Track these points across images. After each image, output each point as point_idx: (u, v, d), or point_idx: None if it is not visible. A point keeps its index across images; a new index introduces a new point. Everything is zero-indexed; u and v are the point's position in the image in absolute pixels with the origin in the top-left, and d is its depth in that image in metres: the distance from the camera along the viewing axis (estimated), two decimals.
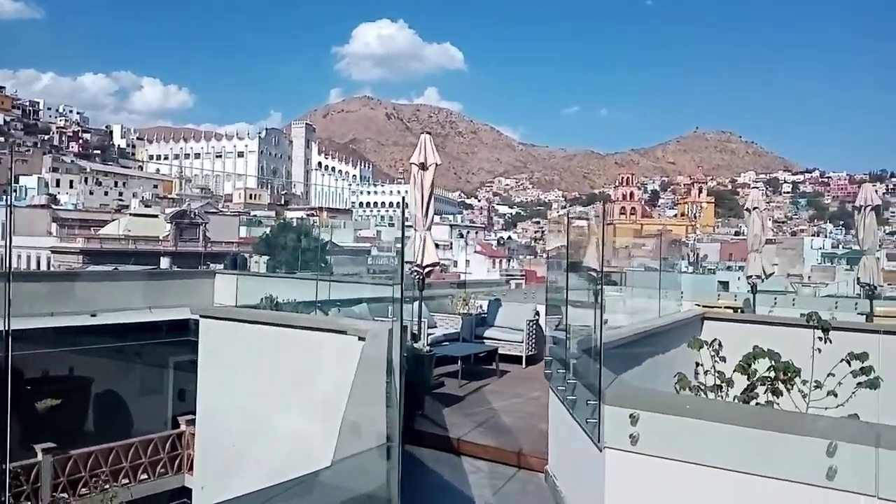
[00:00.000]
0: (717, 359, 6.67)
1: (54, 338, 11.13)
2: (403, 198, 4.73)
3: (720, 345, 6.79)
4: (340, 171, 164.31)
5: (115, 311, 13.56)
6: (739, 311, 12.32)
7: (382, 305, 8.52)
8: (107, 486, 10.96)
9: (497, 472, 4.89)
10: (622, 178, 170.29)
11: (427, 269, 7.02)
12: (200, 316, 6.60)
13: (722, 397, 6.63)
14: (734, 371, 6.43)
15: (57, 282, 15.91)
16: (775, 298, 13.26)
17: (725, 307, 11.85)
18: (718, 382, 6.68)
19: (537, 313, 8.92)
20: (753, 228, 11.59)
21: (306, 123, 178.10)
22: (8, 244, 10.36)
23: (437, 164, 6.98)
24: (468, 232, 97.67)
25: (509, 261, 79.02)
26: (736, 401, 6.50)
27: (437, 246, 7.57)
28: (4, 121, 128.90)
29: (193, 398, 6.91)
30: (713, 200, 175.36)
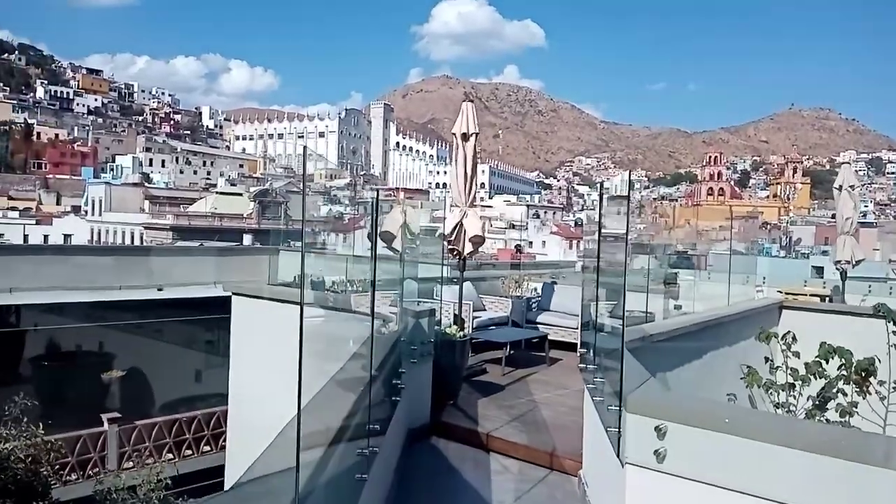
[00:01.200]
0: (789, 354, 5.90)
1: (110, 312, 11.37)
2: (306, 147, 4.25)
3: (794, 338, 6.01)
4: (418, 150, 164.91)
5: (183, 286, 13.84)
6: (827, 299, 11.22)
7: (430, 286, 8.13)
8: (162, 459, 11.21)
9: (527, 473, 4.42)
10: (710, 157, 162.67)
11: (468, 249, 6.53)
12: (233, 293, 6.41)
13: (795, 398, 5.88)
14: (807, 371, 5.66)
15: (129, 256, 16.42)
16: (869, 286, 11.99)
17: (811, 295, 10.79)
18: (791, 380, 5.93)
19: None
20: (844, 209, 10.44)
21: (385, 103, 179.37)
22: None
23: (477, 134, 6.44)
24: (545, 212, 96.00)
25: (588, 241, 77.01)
26: (811, 402, 5.75)
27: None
28: (102, 103, 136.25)
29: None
30: (809, 181, 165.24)
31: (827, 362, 5.26)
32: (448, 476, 4.43)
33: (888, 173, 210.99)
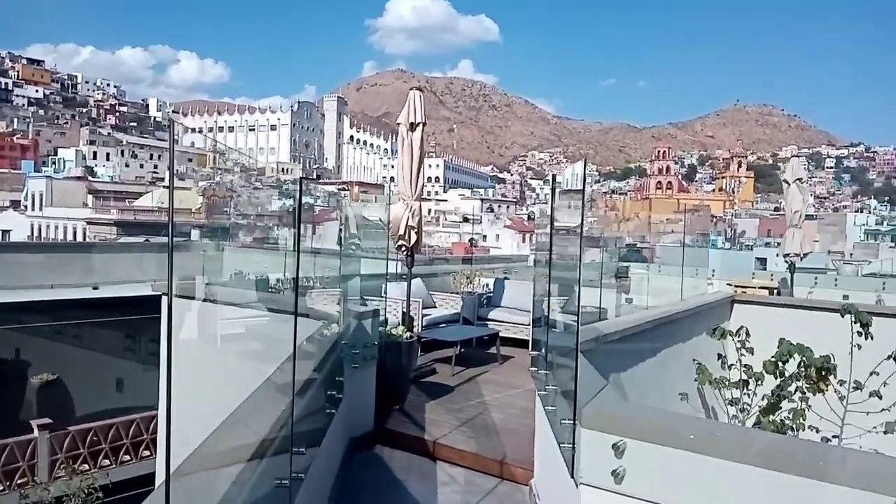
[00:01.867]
0: (743, 351, 5.79)
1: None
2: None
3: (748, 334, 5.90)
4: (372, 144, 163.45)
5: (119, 284, 13.15)
6: (775, 291, 11.29)
7: (377, 284, 7.79)
8: (98, 467, 10.61)
9: (475, 483, 4.14)
10: (659, 151, 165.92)
11: (412, 242, 6.23)
12: (162, 293, 5.96)
13: (749, 395, 5.77)
14: (764, 369, 5.54)
15: (65, 253, 15.58)
16: (815, 278, 12.14)
17: (760, 287, 10.84)
18: (745, 377, 5.82)
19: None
20: (793, 202, 10.49)
21: (338, 97, 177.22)
22: None
23: (424, 124, 6.14)
24: (499, 206, 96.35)
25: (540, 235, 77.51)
26: (765, 401, 5.64)
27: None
28: (44, 94, 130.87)
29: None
30: (753, 175, 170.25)
31: (785, 362, 5.15)
32: (391, 488, 4.12)
33: (827, 167, 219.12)
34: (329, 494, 3.77)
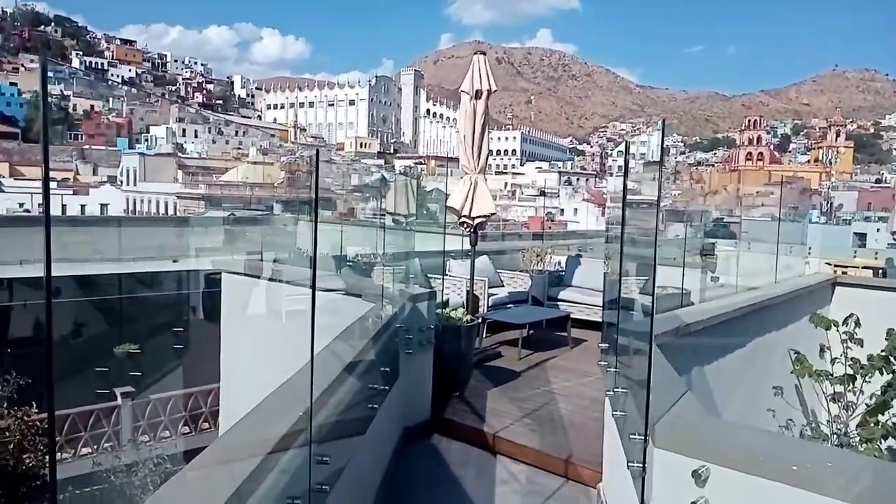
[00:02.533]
0: (850, 344, 5.13)
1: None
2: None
3: (858, 323, 5.23)
4: (448, 118, 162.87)
5: (198, 258, 13.44)
6: (881, 272, 10.27)
7: (438, 262, 7.47)
8: (170, 434, 10.95)
9: (538, 482, 3.79)
10: (749, 121, 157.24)
11: (478, 221, 5.85)
12: (223, 271, 5.87)
13: (854, 392, 5.12)
14: (870, 363, 4.89)
15: (150, 227, 16.12)
16: None
17: (863, 267, 9.85)
18: (851, 372, 5.17)
19: None
20: None
21: (415, 70, 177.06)
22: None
23: (491, 91, 5.70)
24: (578, 179, 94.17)
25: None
26: (873, 399, 4.98)
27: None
28: (136, 73, 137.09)
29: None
30: (852, 145, 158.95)
31: None
32: (446, 485, 3.83)
33: None
34: (379, 484, 3.52)
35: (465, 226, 5.83)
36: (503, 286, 7.52)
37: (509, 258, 8.44)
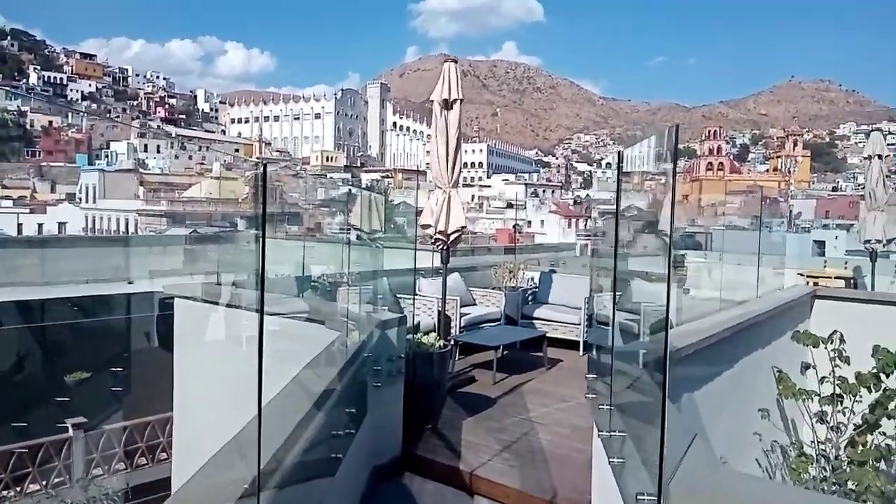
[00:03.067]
0: (839, 361, 4.94)
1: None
2: None
3: (842, 339, 5.05)
4: (415, 130, 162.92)
5: (153, 279, 12.86)
6: (852, 282, 10.23)
7: (407, 280, 7.13)
8: (125, 467, 10.36)
9: None
10: (709, 131, 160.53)
11: (452, 237, 5.55)
12: (176, 296, 5.45)
13: (843, 413, 4.93)
14: (859, 381, 4.69)
15: (101, 247, 15.48)
16: None
17: (835, 277, 9.79)
18: (839, 391, 4.98)
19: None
20: (872, 181, 9.40)
21: (381, 83, 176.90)
22: None
23: (461, 100, 5.42)
24: (544, 191, 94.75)
25: (586, 221, 76.02)
26: (863, 420, 4.79)
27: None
28: (97, 88, 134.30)
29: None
30: (809, 154, 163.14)
31: (887, 376, 4.31)
32: None
33: (889, 145, 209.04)
34: None
35: (439, 242, 5.53)
36: (475, 304, 7.22)
37: (481, 275, 8.15)
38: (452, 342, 6.05)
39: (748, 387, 4.94)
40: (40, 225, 55.98)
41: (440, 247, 5.63)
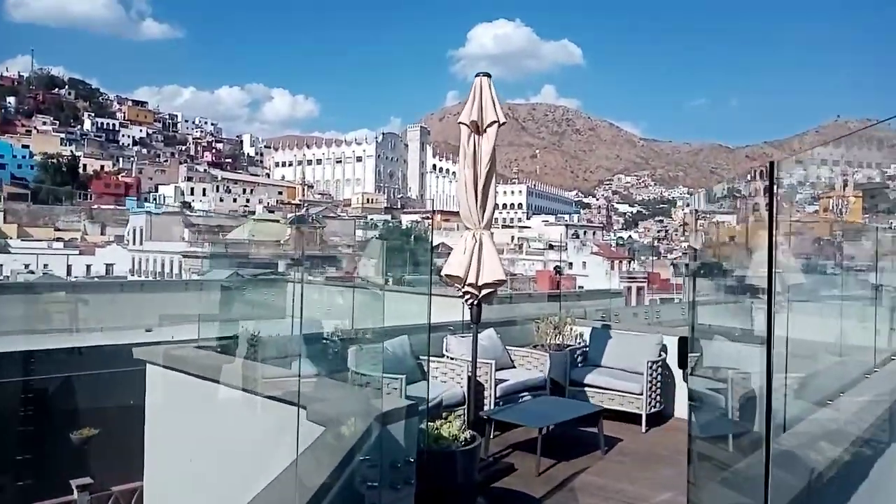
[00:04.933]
0: None
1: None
2: None
3: None
4: (454, 172, 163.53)
5: (173, 326, 12.09)
6: None
7: (438, 336, 6.05)
8: None
9: None
10: (754, 171, 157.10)
11: (485, 291, 4.48)
12: (147, 362, 4.50)
13: None
14: None
15: (117, 293, 14.88)
16: None
17: None
18: None
19: (664, 349, 6.12)
20: None
21: (421, 126, 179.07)
22: None
23: (499, 123, 4.40)
24: (584, 232, 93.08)
25: (630, 262, 73.96)
26: None
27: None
28: (147, 133, 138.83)
29: None
30: (860, 194, 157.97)
31: None
32: None
33: None
34: None
35: (469, 296, 4.46)
36: (514, 367, 6.07)
37: (519, 329, 6.99)
38: (485, 417, 4.93)
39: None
40: (88, 266, 57.03)
41: (470, 301, 4.57)
